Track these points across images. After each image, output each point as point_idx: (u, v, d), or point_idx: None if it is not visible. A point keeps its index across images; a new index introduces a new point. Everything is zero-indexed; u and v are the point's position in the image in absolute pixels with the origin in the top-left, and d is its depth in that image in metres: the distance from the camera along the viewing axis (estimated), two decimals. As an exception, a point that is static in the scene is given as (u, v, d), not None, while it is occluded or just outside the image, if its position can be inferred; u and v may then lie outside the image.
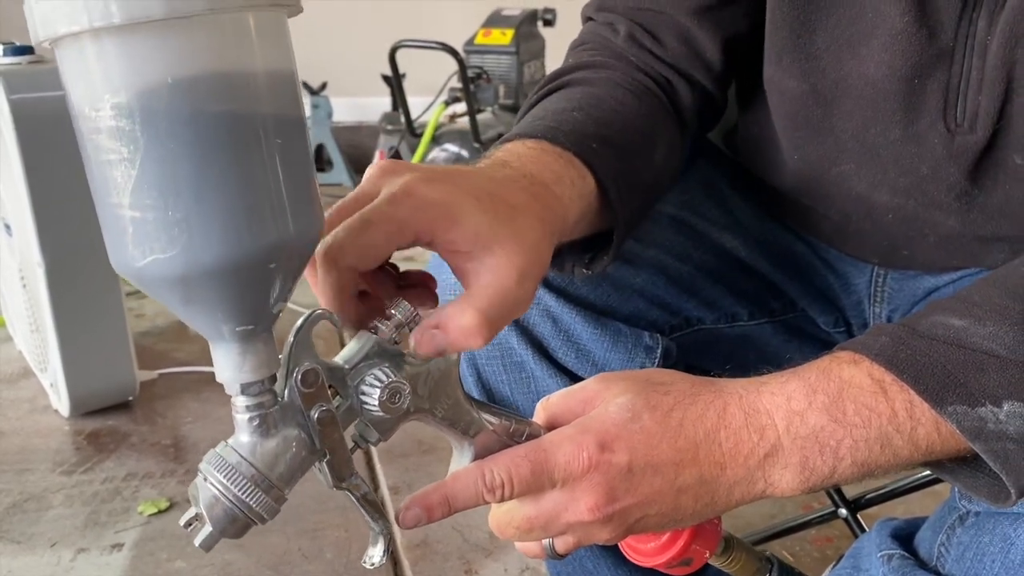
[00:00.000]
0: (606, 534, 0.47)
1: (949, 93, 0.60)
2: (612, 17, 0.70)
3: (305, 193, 0.38)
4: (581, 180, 0.56)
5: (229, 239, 0.36)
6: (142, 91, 0.34)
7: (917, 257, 0.71)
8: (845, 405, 0.46)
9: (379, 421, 0.44)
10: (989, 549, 0.54)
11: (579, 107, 0.63)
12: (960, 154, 0.61)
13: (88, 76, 0.34)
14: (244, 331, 0.39)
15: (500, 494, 0.46)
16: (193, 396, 1.58)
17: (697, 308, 0.75)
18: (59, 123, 1.33)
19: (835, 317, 0.79)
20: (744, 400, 0.47)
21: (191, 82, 0.34)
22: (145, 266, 0.36)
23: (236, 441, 0.41)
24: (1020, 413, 0.44)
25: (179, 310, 0.38)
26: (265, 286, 0.38)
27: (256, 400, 0.41)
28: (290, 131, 0.37)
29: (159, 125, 0.34)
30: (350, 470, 0.44)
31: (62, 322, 1.40)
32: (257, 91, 0.36)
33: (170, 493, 1.30)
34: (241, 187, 0.36)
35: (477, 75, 2.51)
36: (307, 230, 0.39)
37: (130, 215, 0.35)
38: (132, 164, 0.35)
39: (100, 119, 0.34)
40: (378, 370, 0.43)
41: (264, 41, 0.36)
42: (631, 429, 0.46)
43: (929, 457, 0.47)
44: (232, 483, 0.40)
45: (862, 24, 0.61)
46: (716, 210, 0.77)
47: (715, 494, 0.47)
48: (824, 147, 0.67)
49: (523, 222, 0.47)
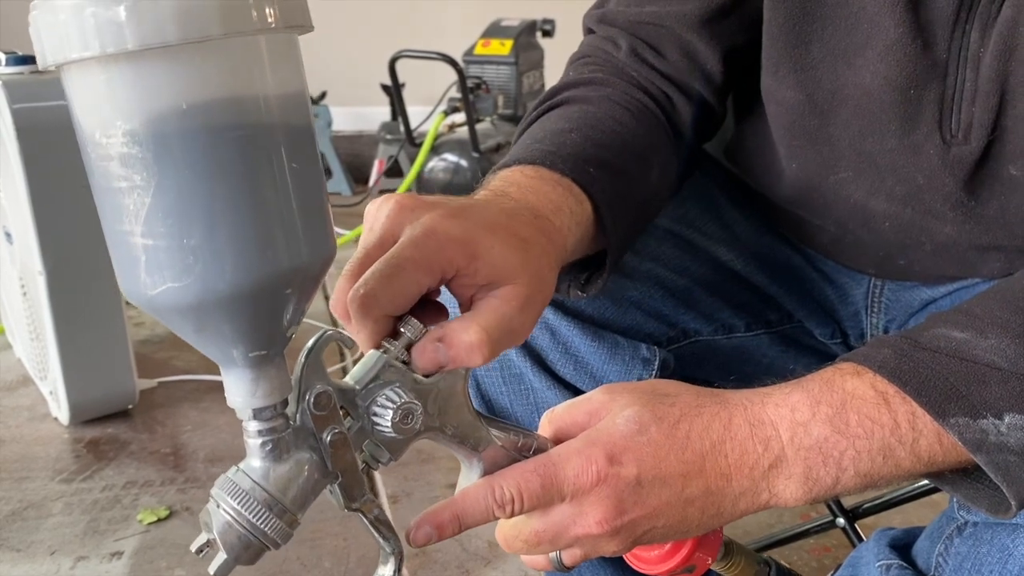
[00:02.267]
0: (613, 546, 0.48)
1: (944, 104, 0.61)
2: (613, 31, 0.71)
3: (318, 215, 0.38)
4: (579, 206, 0.57)
5: (244, 266, 0.35)
6: (155, 117, 0.33)
7: (914, 267, 0.71)
8: (848, 416, 0.47)
9: (391, 442, 0.44)
10: (987, 560, 0.54)
11: (576, 128, 0.63)
12: (955, 165, 0.62)
13: (99, 102, 0.34)
14: (257, 356, 0.39)
15: (510, 510, 0.46)
16: (192, 404, 1.59)
17: (694, 320, 0.75)
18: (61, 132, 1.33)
19: (832, 328, 0.80)
20: (749, 411, 0.48)
21: (205, 107, 0.33)
22: (158, 295, 0.36)
23: (248, 466, 0.41)
24: (1021, 425, 0.45)
25: (190, 337, 0.38)
26: (279, 311, 0.38)
27: (268, 425, 0.40)
28: (303, 154, 0.37)
29: (173, 152, 0.34)
30: (362, 491, 0.44)
31: (62, 330, 1.40)
32: (271, 114, 0.35)
33: (170, 501, 1.30)
34: (256, 212, 0.35)
35: (476, 85, 2.52)
36: (321, 253, 0.38)
37: (142, 243, 0.35)
38: (145, 192, 0.34)
39: (111, 146, 0.34)
40: (390, 391, 0.43)
41: (277, 63, 0.35)
42: (639, 442, 0.46)
43: (931, 468, 0.48)
44: (246, 509, 0.40)
45: (857, 36, 0.61)
46: (713, 223, 0.77)
47: (721, 505, 0.48)
48: (821, 156, 0.68)
49: (531, 254, 0.48)
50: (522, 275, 0.47)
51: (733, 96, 0.77)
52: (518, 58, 2.58)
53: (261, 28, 0.34)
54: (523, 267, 0.47)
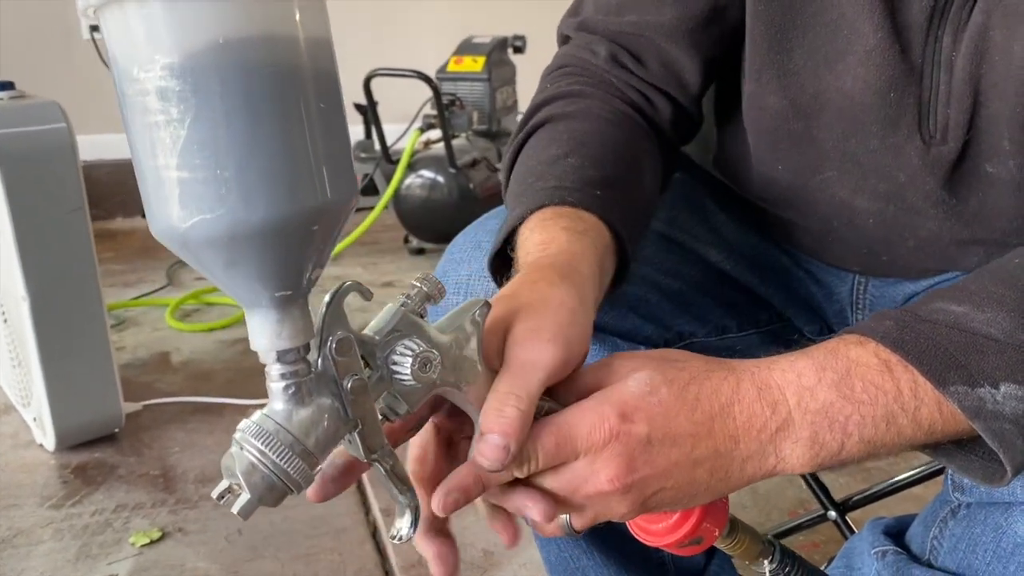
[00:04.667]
0: (623, 507, 0.48)
1: (922, 106, 0.63)
2: (592, 39, 0.72)
3: (345, 157, 0.39)
4: (600, 238, 0.58)
5: (276, 198, 0.36)
6: (193, 52, 0.34)
7: (897, 262, 0.74)
8: (853, 382, 0.48)
9: (409, 392, 0.45)
10: (981, 539, 0.56)
11: (570, 150, 0.65)
12: (935, 164, 0.64)
13: (136, 38, 0.35)
14: (283, 296, 0.39)
15: (527, 468, 0.47)
16: (179, 426, 1.58)
17: (689, 323, 0.77)
18: (42, 157, 1.34)
19: (819, 325, 0.82)
20: (756, 376, 0.49)
21: (241, 43, 0.35)
22: (191, 227, 0.36)
23: (271, 409, 0.42)
24: (1015, 394, 0.46)
25: (219, 275, 0.39)
26: (305, 249, 0.39)
27: (292, 368, 0.41)
28: (332, 96, 0.38)
29: (210, 85, 0.35)
30: (380, 441, 0.44)
31: (47, 356, 1.39)
32: (302, 55, 0.37)
33: (162, 523, 1.29)
34: (288, 147, 0.36)
35: (451, 102, 2.54)
36: (345, 195, 0.39)
37: (177, 176, 0.36)
38: (181, 124, 0.35)
39: (149, 80, 0.35)
40: (408, 340, 0.44)
41: (307, 9, 0.37)
42: (650, 402, 0.47)
43: (930, 437, 0.49)
44: (271, 449, 0.41)
45: (838, 41, 0.64)
46: (701, 227, 0.80)
47: (729, 468, 0.49)
48: (806, 157, 0.70)
49: (575, 332, 0.49)
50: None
51: (715, 106, 0.79)
52: (491, 74, 2.60)
53: None
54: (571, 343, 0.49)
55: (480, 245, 0.70)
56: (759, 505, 1.35)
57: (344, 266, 2.52)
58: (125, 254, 2.59)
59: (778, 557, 0.59)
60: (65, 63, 2.83)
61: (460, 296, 0.69)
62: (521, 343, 0.47)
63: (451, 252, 0.73)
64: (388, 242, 2.75)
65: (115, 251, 2.18)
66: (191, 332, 2.01)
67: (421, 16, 3.47)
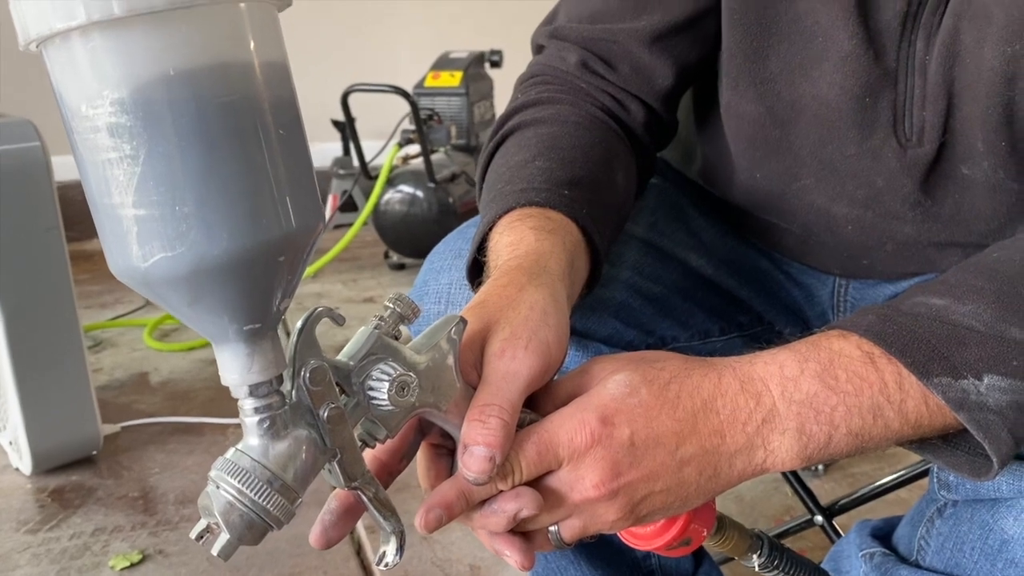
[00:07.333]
0: (612, 513, 0.47)
1: (897, 110, 0.64)
2: (564, 45, 0.72)
3: (308, 183, 0.38)
4: (569, 235, 0.58)
5: (239, 231, 0.35)
6: (143, 85, 0.33)
7: (876, 266, 0.74)
8: (837, 373, 0.48)
9: (387, 416, 0.44)
10: (968, 537, 0.56)
11: (539, 153, 0.65)
12: (912, 166, 0.65)
13: (82, 73, 0.34)
14: (251, 330, 0.38)
15: (511, 480, 0.46)
16: (158, 447, 1.56)
17: (671, 327, 0.77)
18: (16, 175, 1.32)
19: (801, 328, 0.82)
20: (738, 370, 0.49)
21: (193, 73, 0.34)
22: (151, 266, 0.35)
23: (246, 445, 0.41)
24: (998, 385, 0.46)
25: (185, 312, 0.38)
26: (272, 281, 0.38)
27: (265, 401, 0.40)
28: (290, 122, 0.37)
29: (162, 118, 0.34)
30: (361, 469, 0.44)
31: (23, 378, 1.37)
32: (257, 81, 0.36)
33: (142, 545, 1.27)
34: (248, 178, 0.35)
35: (429, 116, 2.54)
36: (310, 222, 0.38)
37: (134, 214, 0.35)
38: (135, 160, 0.34)
39: (99, 117, 0.34)
40: (384, 364, 0.43)
41: (260, 32, 0.36)
42: (630, 403, 0.46)
43: (918, 430, 0.49)
44: (248, 487, 0.40)
45: (813, 49, 0.64)
46: (682, 232, 0.80)
47: (718, 465, 0.48)
48: (784, 164, 0.70)
49: (550, 333, 0.49)
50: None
51: (693, 115, 0.79)
52: (468, 89, 2.60)
53: None
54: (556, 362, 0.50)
55: (460, 253, 0.70)
56: (745, 512, 1.35)
57: (324, 283, 2.51)
58: (102, 275, 2.56)
59: (766, 551, 0.59)
60: (39, 82, 2.80)
61: (442, 305, 0.69)
62: (498, 355, 0.47)
63: (431, 261, 0.73)
64: (368, 258, 2.74)
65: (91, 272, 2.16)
66: (170, 352, 1.99)
67: (398, 32, 3.48)
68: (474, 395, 0.46)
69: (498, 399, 0.45)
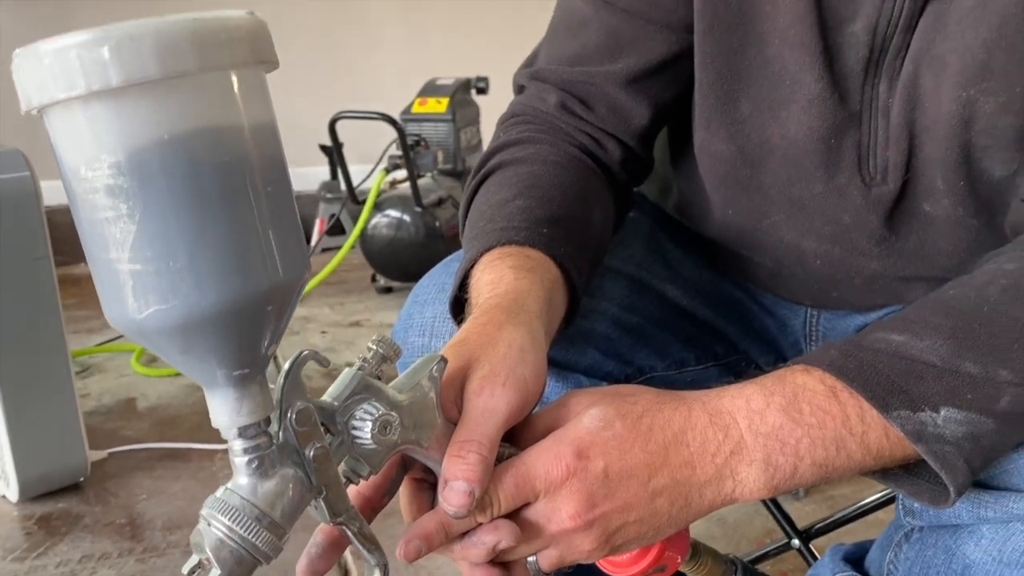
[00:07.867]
0: (588, 544, 0.49)
1: (862, 150, 0.66)
2: (544, 87, 0.75)
3: (294, 236, 0.41)
4: (548, 273, 0.60)
5: (229, 284, 0.37)
6: (139, 149, 0.35)
7: (847, 297, 0.76)
8: (801, 406, 0.50)
9: (371, 454, 0.46)
10: (934, 561, 0.58)
11: (519, 192, 0.67)
12: (877, 204, 0.67)
13: (83, 138, 0.36)
14: (240, 375, 0.41)
15: (490, 513, 0.48)
16: (146, 473, 1.56)
17: (648, 357, 0.79)
18: (5, 206, 1.33)
19: (775, 357, 0.84)
20: (707, 404, 0.51)
21: (186, 138, 0.36)
22: (146, 318, 0.37)
23: (235, 484, 0.43)
24: (954, 418, 0.49)
25: (176, 359, 0.40)
26: (261, 329, 0.40)
27: (253, 442, 0.42)
28: (279, 179, 0.40)
29: (157, 181, 0.36)
30: (346, 505, 0.46)
31: (10, 405, 1.38)
32: (247, 143, 0.38)
33: (129, 572, 1.27)
34: (237, 234, 0.38)
35: (416, 142, 2.57)
36: (296, 271, 0.40)
37: (129, 269, 0.37)
38: (131, 219, 0.36)
39: (97, 179, 0.36)
40: (367, 404, 0.45)
41: (249, 96, 0.38)
42: (605, 436, 0.48)
43: (879, 461, 0.51)
44: (238, 524, 0.42)
45: (781, 91, 0.67)
46: (659, 264, 0.82)
47: (688, 495, 0.50)
48: (754, 202, 0.73)
49: (527, 371, 0.51)
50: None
51: (669, 152, 0.82)
52: (455, 115, 2.63)
53: (233, 63, 0.37)
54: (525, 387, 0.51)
55: (444, 287, 0.72)
56: (728, 535, 1.37)
57: (311, 306, 2.52)
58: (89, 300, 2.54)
59: (740, 574, 0.61)
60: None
61: (426, 338, 0.71)
62: (477, 392, 0.49)
63: (416, 295, 0.75)
64: (355, 281, 2.75)
65: (79, 296, 2.16)
66: (157, 377, 2.00)
67: (385, 59, 3.51)
68: (454, 431, 0.48)
69: (477, 435, 0.47)
